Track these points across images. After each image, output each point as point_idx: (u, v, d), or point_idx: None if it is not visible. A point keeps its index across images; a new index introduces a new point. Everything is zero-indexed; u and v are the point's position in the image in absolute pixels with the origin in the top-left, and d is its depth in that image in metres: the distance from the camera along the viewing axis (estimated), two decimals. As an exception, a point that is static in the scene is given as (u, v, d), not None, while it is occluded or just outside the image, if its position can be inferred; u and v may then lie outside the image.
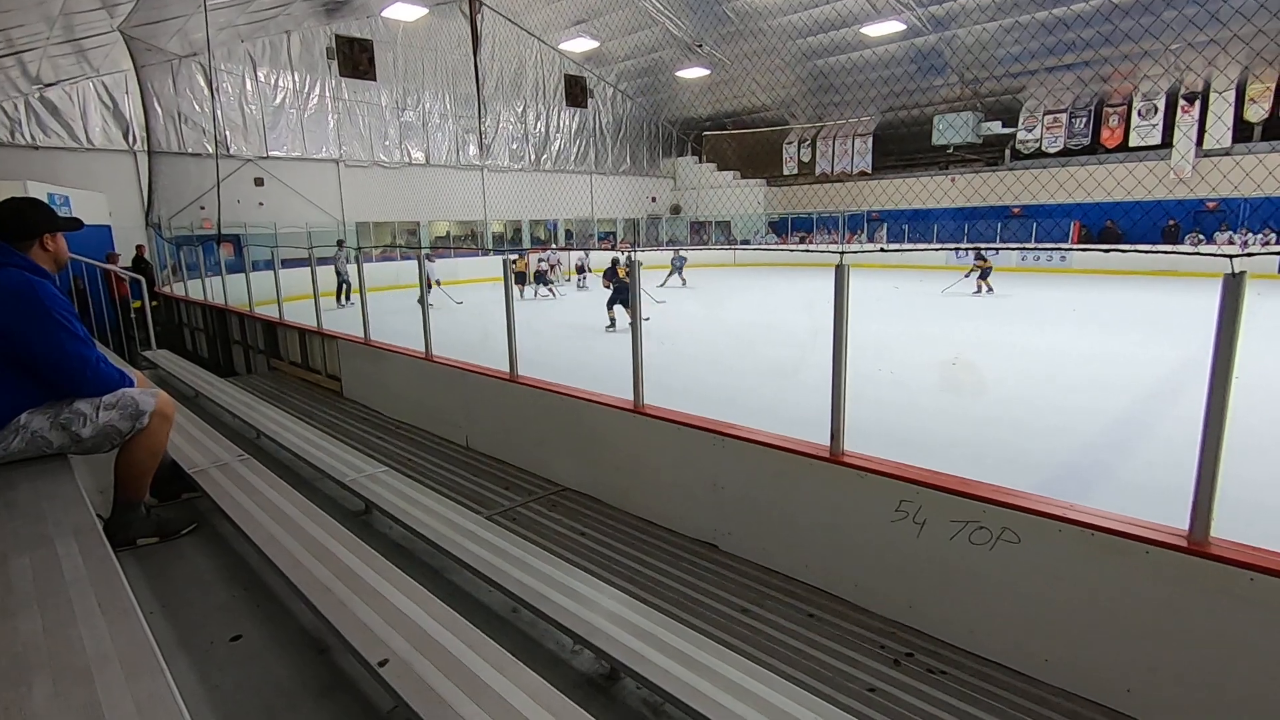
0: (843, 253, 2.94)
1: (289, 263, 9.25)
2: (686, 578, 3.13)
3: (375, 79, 19.14)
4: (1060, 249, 12.15)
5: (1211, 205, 19.60)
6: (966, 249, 17.34)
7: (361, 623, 1.96)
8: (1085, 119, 21.43)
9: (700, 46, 22.48)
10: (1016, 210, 22.49)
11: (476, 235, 24.28)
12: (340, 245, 17.20)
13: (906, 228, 24.91)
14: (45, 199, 8.88)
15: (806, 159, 27.22)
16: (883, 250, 3.42)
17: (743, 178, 29.21)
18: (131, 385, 2.59)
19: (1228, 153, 19.17)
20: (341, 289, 15.52)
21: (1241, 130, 19.23)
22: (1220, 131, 19.21)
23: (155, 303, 11.30)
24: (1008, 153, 23.28)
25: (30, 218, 2.47)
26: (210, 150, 16.66)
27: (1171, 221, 20.18)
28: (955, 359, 8.57)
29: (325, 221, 19.89)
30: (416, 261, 5.54)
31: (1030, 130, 22.28)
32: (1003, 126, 22.66)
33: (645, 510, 3.81)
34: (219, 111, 17.53)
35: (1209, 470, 2.11)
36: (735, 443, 3.31)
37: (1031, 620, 2.44)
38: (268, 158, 18.86)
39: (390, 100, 21.10)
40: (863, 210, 26.14)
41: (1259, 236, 18.57)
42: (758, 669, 1.98)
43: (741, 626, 2.73)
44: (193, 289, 11.52)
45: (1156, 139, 20.15)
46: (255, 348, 8.72)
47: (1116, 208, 20.57)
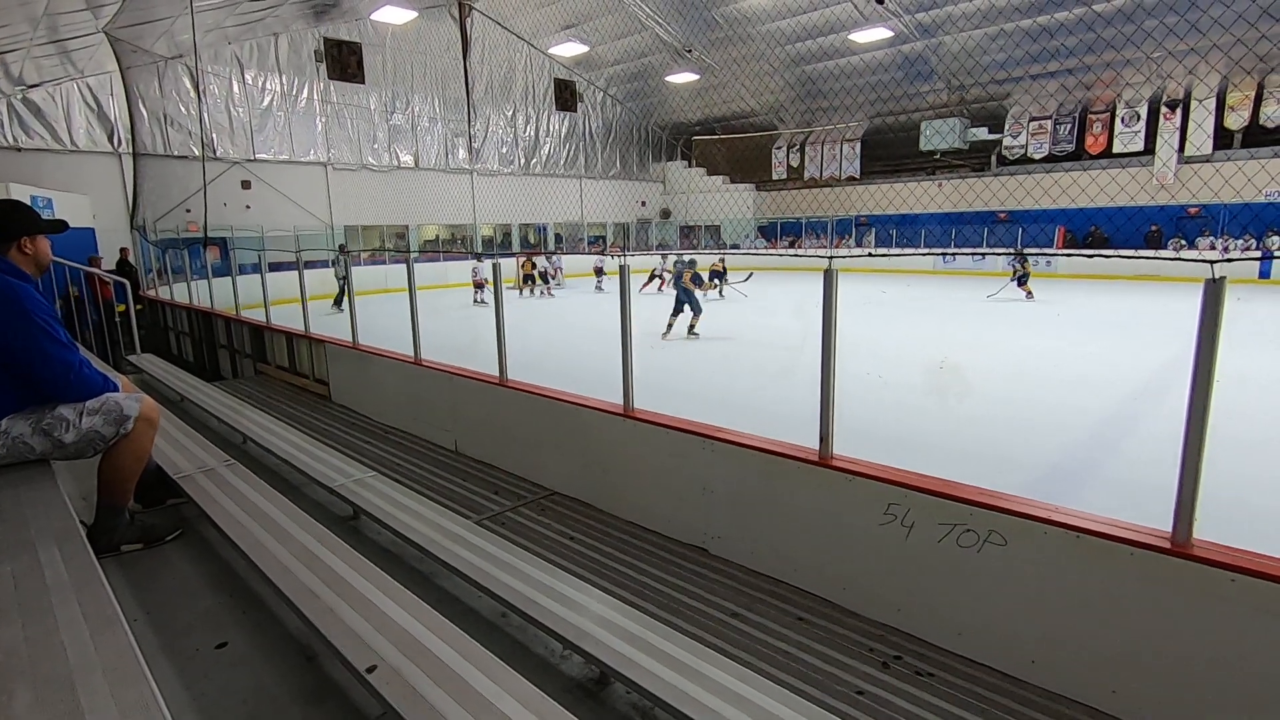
0: (831, 257, 2.96)
1: (276, 266, 9.19)
2: (676, 581, 3.13)
3: (364, 82, 19.14)
4: (1046, 254, 12.16)
5: (1193, 211, 19.88)
6: (955, 254, 17.33)
7: (349, 629, 1.94)
8: (1070, 125, 21.71)
9: (689, 52, 22.57)
10: (1003, 215, 22.74)
11: (466, 239, 24.21)
12: (343, 250, 17.09)
13: (894, 232, 25.09)
14: (28, 201, 8.79)
15: (795, 164, 27.39)
16: (870, 255, 3.45)
17: (732, 182, 29.33)
18: (116, 390, 2.57)
19: (1208, 159, 19.48)
20: (343, 293, 15.32)
21: (1222, 138, 19.56)
22: (1201, 139, 19.51)
23: (140, 306, 11.19)
24: (994, 158, 23.53)
25: (6, 220, 2.45)
26: (196, 153, 16.52)
27: (1154, 227, 20.46)
28: (943, 361, 8.64)
29: (313, 225, 19.77)
30: (406, 266, 5.51)
31: (1016, 136, 22.54)
32: (989, 132, 22.91)
33: (635, 514, 3.81)
34: (205, 114, 17.39)
35: (1191, 473, 2.14)
36: (725, 446, 3.32)
37: (1018, 622, 2.46)
38: (255, 160, 18.72)
39: (379, 103, 21.02)
40: (851, 215, 26.31)
41: (1239, 242, 18.86)
42: (747, 672, 1.98)
43: (731, 630, 2.74)
44: (178, 292, 11.42)
45: (1139, 146, 20.46)
46: (242, 352, 8.65)
47: (1100, 213, 20.85)
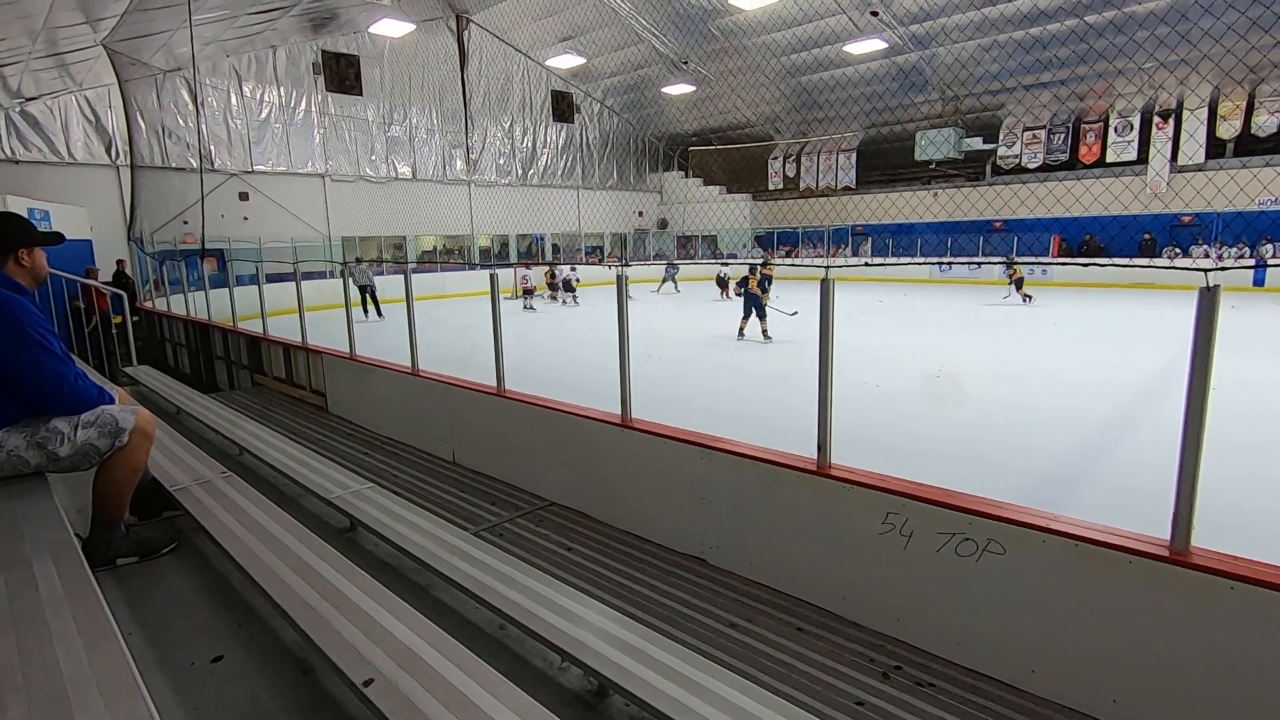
0: (828, 266, 2.97)
1: (274, 277, 9.19)
2: (675, 592, 3.12)
3: (362, 94, 19.25)
4: (1041, 263, 12.37)
5: (1187, 220, 20.01)
6: (949, 263, 17.60)
7: (346, 642, 1.93)
8: (1064, 135, 21.89)
9: (686, 63, 22.74)
10: (998, 225, 22.86)
11: (464, 250, 24.26)
12: (358, 260, 18.04)
13: (890, 241, 25.20)
14: (25, 213, 8.79)
15: (791, 174, 27.55)
16: (867, 264, 3.47)
17: (729, 192, 29.46)
18: (112, 402, 2.56)
19: (1200, 168, 19.63)
20: (366, 302, 15.39)
21: (1214, 146, 19.72)
22: (1194, 148, 19.68)
23: (137, 318, 11.17)
24: (989, 168, 23.68)
25: (2, 233, 2.44)
26: (194, 165, 16.56)
27: (1148, 235, 20.58)
28: (940, 370, 8.66)
29: (311, 236, 19.80)
30: (404, 277, 5.51)
31: (1010, 146, 22.71)
32: (983, 142, 23.08)
33: (633, 525, 3.80)
34: (204, 126, 17.45)
35: (1188, 481, 2.14)
36: (723, 456, 3.31)
37: (1018, 631, 2.45)
38: (253, 172, 18.77)
39: (377, 115, 21.12)
40: (847, 224, 26.42)
41: (1234, 250, 18.96)
42: (747, 684, 1.97)
43: (730, 641, 2.72)
44: (175, 304, 11.40)
45: (1132, 155, 20.62)
46: (239, 363, 8.63)
47: (1095, 222, 20.98)
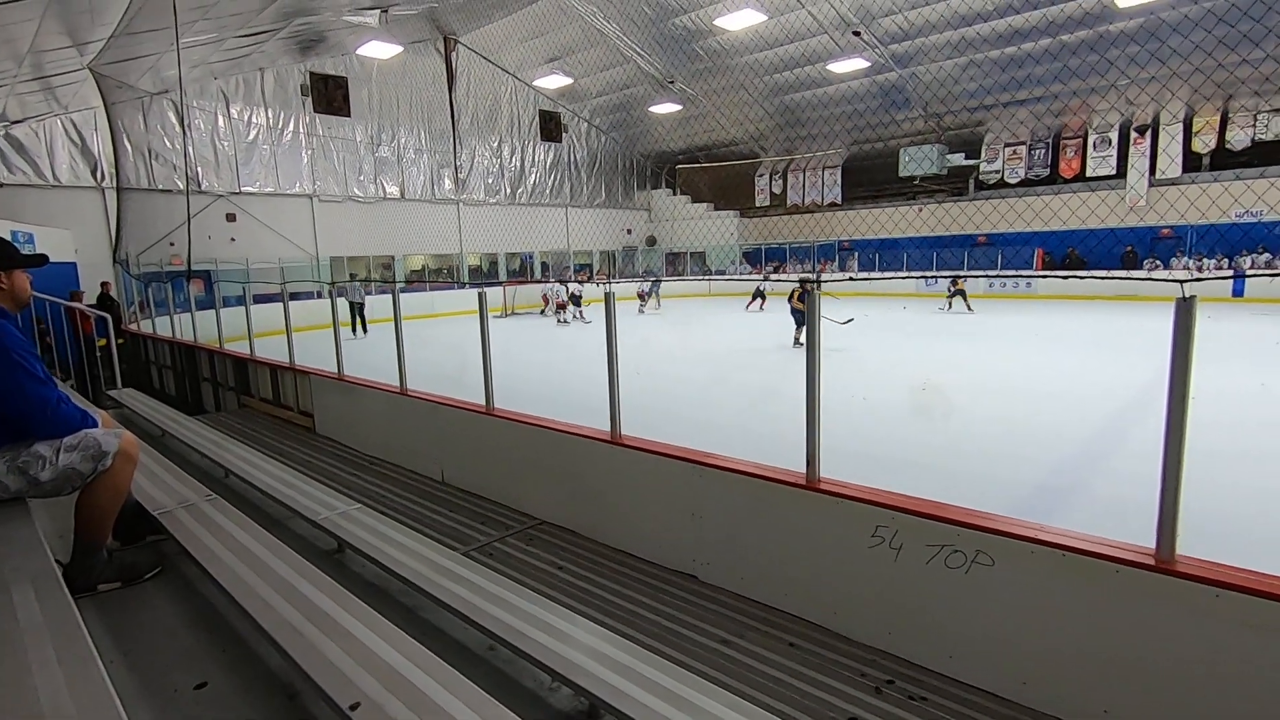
0: (816, 281, 3.01)
1: (262, 298, 9.14)
2: (666, 610, 3.10)
3: (350, 115, 19.29)
4: (1024, 276, 12.56)
5: (1165, 232, 20.37)
6: (935, 276, 18.17)
7: (332, 665, 1.91)
8: (1044, 150, 22.27)
9: (672, 83, 23.01)
10: (982, 239, 23.18)
11: (453, 269, 24.27)
12: (353, 278, 19.38)
13: (876, 256, 25.46)
14: (8, 236, 8.71)
15: (778, 190, 27.81)
16: (851, 279, 3.50)
17: (716, 209, 29.69)
18: (95, 425, 2.53)
19: (1176, 183, 20.03)
20: (356, 320, 16.29)
21: (1190, 161, 20.13)
22: (1166, 162, 20.13)
23: (122, 340, 11.06)
24: (972, 183, 24.03)
25: None
26: (181, 186, 16.51)
27: (1129, 248, 20.91)
28: (925, 383, 8.72)
29: (298, 256, 19.75)
30: (392, 296, 5.51)
31: (992, 162, 23.07)
32: (966, 158, 23.41)
33: (624, 542, 3.78)
34: (190, 148, 17.43)
35: (1171, 490, 2.16)
36: (713, 472, 3.32)
37: (1008, 643, 2.46)
38: (240, 193, 18.73)
39: (365, 136, 21.18)
40: (834, 240, 26.68)
41: (1212, 262, 19.31)
42: (740, 701, 1.96)
43: (722, 658, 2.71)
44: (161, 326, 11.31)
45: (1111, 169, 21.01)
46: (225, 385, 8.56)
47: (1075, 235, 21.33)
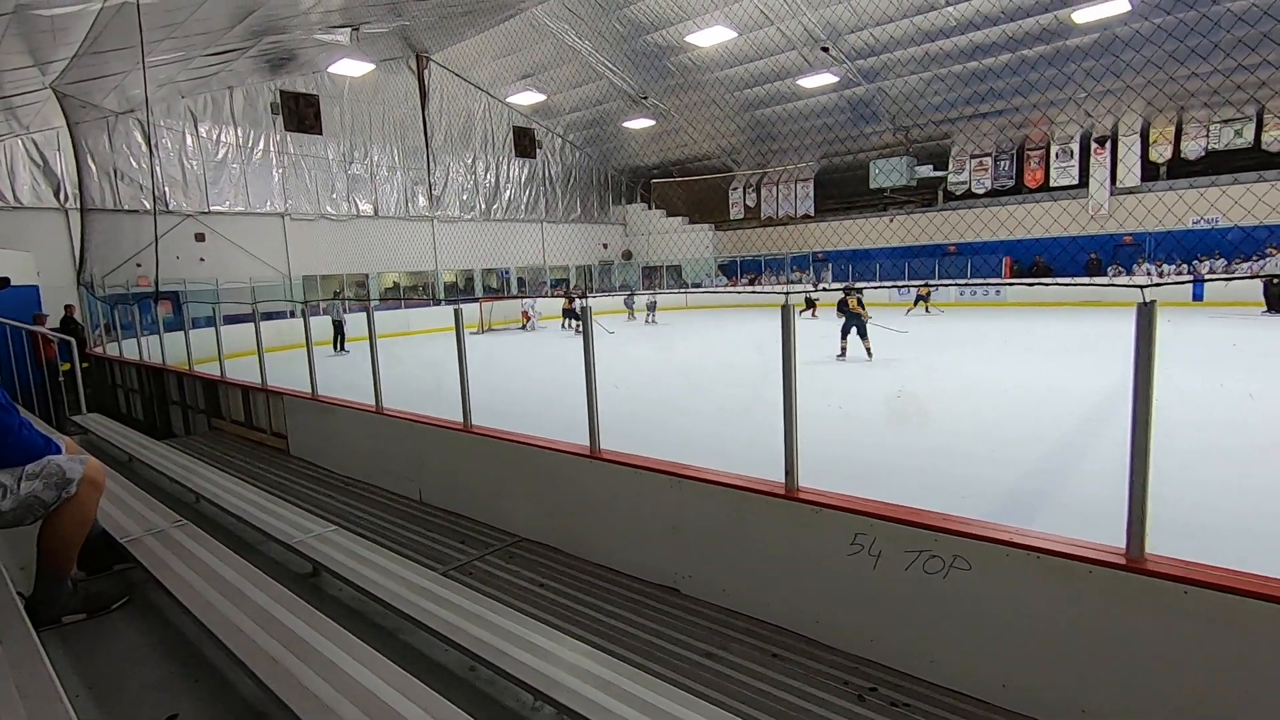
0: (788, 293, 3.04)
1: (232, 319, 8.99)
2: (648, 624, 3.09)
3: (321, 133, 19.17)
4: (992, 284, 12.94)
5: (1127, 239, 20.99)
6: (905, 286, 18.50)
7: (309, 692, 1.87)
8: (1009, 161, 22.88)
9: (645, 98, 23.24)
10: (952, 248, 23.66)
11: (428, 286, 24.11)
12: (336, 295, 19.77)
13: (849, 266, 25.83)
14: (-34, 260, 8.48)
15: (752, 203, 28.16)
16: (825, 289, 3.54)
17: (691, 223, 29.93)
18: (58, 452, 2.46)
19: (1135, 191, 20.68)
20: (338, 338, 16.25)
21: (1148, 170, 20.81)
22: (1123, 172, 20.81)
23: (86, 364, 10.78)
24: (940, 194, 24.56)
25: None
26: (148, 206, 16.22)
27: (1093, 255, 21.49)
28: (899, 391, 8.83)
29: (270, 276, 19.48)
30: (366, 314, 5.46)
31: (959, 173, 23.62)
32: (934, 170, 23.95)
33: (604, 557, 3.76)
34: (158, 167, 17.15)
35: (1139, 490, 2.21)
36: (692, 484, 3.32)
37: (987, 646, 2.48)
38: (209, 213, 18.45)
39: (337, 153, 21.03)
40: (808, 251, 27.03)
41: (1172, 268, 19.91)
42: (723, 714, 1.95)
43: (706, 671, 2.70)
44: (127, 349, 11.05)
45: (1074, 179, 21.64)
46: (195, 407, 8.38)
47: (1040, 243, 21.89)
